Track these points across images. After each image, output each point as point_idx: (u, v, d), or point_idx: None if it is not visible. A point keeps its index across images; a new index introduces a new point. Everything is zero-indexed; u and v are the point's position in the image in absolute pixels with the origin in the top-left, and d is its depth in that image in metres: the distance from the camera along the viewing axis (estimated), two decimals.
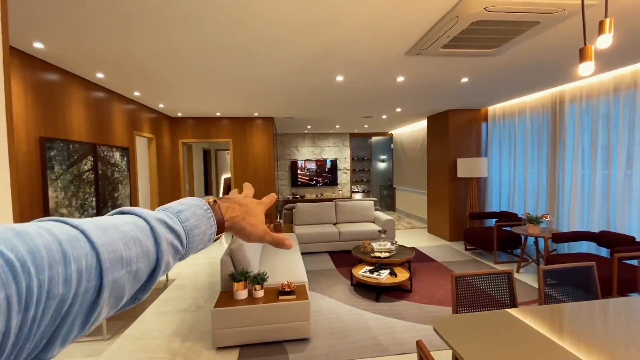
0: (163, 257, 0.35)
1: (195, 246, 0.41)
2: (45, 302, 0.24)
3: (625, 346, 1.40)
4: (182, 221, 0.39)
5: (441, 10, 2.04)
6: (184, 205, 0.41)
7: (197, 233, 0.40)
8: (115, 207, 3.84)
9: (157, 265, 0.35)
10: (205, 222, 0.41)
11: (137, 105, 4.60)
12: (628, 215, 3.47)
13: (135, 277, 0.33)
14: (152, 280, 0.36)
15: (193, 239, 0.40)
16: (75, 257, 0.26)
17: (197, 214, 0.41)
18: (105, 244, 0.29)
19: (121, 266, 0.30)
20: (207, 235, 0.42)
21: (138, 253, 0.33)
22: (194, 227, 0.40)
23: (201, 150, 8.19)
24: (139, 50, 2.63)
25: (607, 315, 1.72)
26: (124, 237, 0.32)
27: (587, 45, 1.16)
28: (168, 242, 0.36)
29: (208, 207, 0.43)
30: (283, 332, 2.62)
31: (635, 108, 3.36)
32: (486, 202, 5.89)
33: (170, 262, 0.38)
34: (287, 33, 2.34)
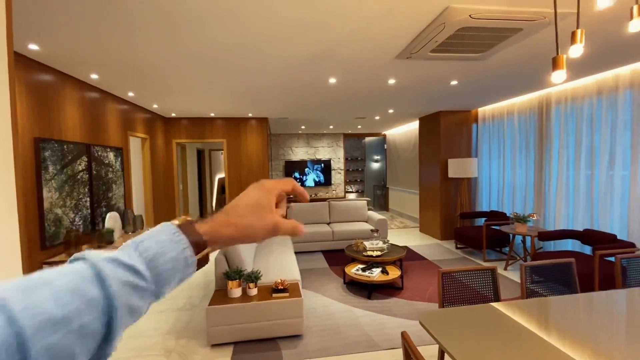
0: (119, 302, 0.31)
1: (169, 276, 0.36)
2: None
3: (588, 329, 1.49)
4: (141, 252, 0.35)
5: (429, 17, 2.12)
6: (145, 235, 0.38)
7: (164, 261, 0.36)
8: (110, 207, 3.86)
9: (113, 313, 0.31)
10: (173, 247, 0.37)
11: (131, 106, 4.62)
12: (610, 214, 3.60)
13: (82, 333, 0.29)
14: (113, 331, 0.31)
15: (159, 269, 0.36)
16: None
17: (160, 240, 0.37)
18: (25, 308, 0.26)
19: (53, 328, 0.27)
20: (179, 261, 0.37)
21: (78, 306, 0.29)
22: (157, 255, 0.36)
23: (195, 151, 8.20)
24: (133, 52, 2.66)
25: (583, 308, 1.81)
26: (55, 293, 0.28)
27: (559, 55, 1.25)
28: (122, 282, 0.32)
29: (176, 229, 0.38)
30: (276, 329, 2.68)
31: (617, 111, 3.49)
32: (476, 201, 6.01)
33: (136, 303, 0.33)
34: (280, 36, 2.41)
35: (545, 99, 4.41)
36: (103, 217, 3.68)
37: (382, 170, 10.46)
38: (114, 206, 3.96)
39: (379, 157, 10.55)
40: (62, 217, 3.00)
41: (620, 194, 3.51)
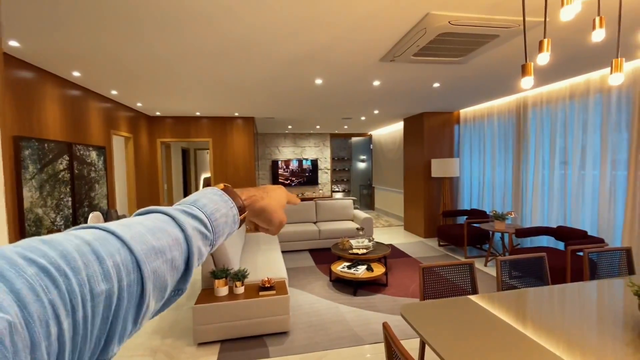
0: (193, 243, 0.36)
1: (222, 230, 0.41)
2: (92, 301, 0.24)
3: (561, 321, 1.61)
4: (201, 208, 0.40)
5: (410, 23, 2.20)
6: (198, 195, 0.43)
7: (219, 216, 0.41)
8: (92, 207, 3.79)
9: (190, 252, 0.35)
10: (224, 205, 0.42)
11: (114, 104, 4.54)
12: (581, 211, 3.80)
13: (173, 265, 0.33)
14: (190, 269, 0.36)
15: (217, 222, 0.40)
16: (108, 254, 0.27)
17: (213, 199, 0.42)
18: (133, 237, 0.30)
19: (155, 256, 0.31)
20: (230, 217, 0.43)
21: (169, 242, 0.33)
22: (214, 211, 0.41)
23: (180, 150, 8.09)
24: (116, 50, 2.64)
25: (549, 298, 1.93)
26: (150, 230, 0.32)
27: (527, 62, 1.34)
28: (193, 228, 0.37)
29: (222, 192, 0.44)
30: (263, 326, 2.72)
31: (588, 113, 3.69)
32: (458, 200, 6.20)
33: (202, 248, 0.38)
34: (266, 38, 2.44)
35: (523, 102, 4.60)
36: (85, 217, 3.61)
37: (368, 170, 10.60)
38: (96, 206, 3.89)
39: (365, 157, 10.68)
40: (42, 217, 2.94)
41: (591, 192, 3.71)
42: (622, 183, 3.37)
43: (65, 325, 0.22)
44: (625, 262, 2.39)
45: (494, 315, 1.68)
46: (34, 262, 0.22)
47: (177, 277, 0.35)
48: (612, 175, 3.46)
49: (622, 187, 3.38)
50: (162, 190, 6.10)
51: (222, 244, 2.94)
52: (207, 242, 0.39)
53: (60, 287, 0.23)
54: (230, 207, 0.43)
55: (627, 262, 2.38)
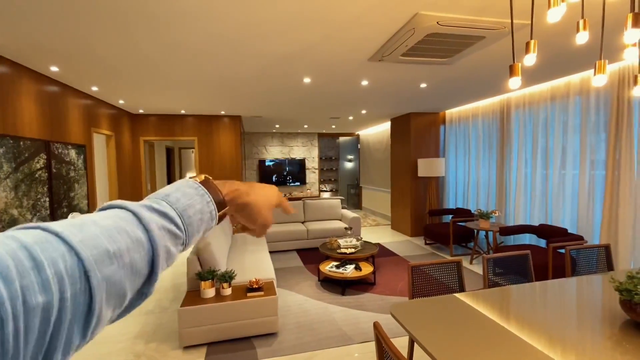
0: (159, 244, 0.33)
1: (196, 227, 0.38)
2: (25, 315, 0.21)
3: (544, 317, 1.65)
4: (172, 203, 0.37)
5: (399, 22, 2.21)
6: (172, 188, 0.39)
7: (193, 212, 0.38)
8: (71, 207, 3.65)
9: (155, 254, 0.32)
10: (199, 200, 0.39)
11: (94, 101, 4.38)
12: (562, 209, 3.92)
13: (132, 270, 0.30)
14: (155, 272, 0.33)
15: (190, 219, 0.37)
16: (50, 260, 0.24)
17: (187, 193, 0.38)
18: (83, 240, 0.26)
19: (109, 261, 0.27)
20: (206, 213, 0.39)
21: (128, 243, 0.30)
22: (187, 206, 0.37)
23: (164, 149, 7.90)
24: (97, 45, 2.54)
25: (532, 294, 1.98)
26: (106, 231, 0.29)
27: (515, 63, 1.36)
28: (160, 227, 0.34)
29: (198, 184, 0.41)
30: (251, 328, 2.68)
31: (568, 115, 3.80)
32: (444, 199, 6.30)
33: (171, 248, 0.35)
34: (252, 36, 2.40)
35: (506, 103, 4.71)
36: (64, 217, 3.46)
37: (355, 169, 10.64)
38: (76, 206, 3.75)
39: (353, 157, 10.72)
40: (18, 219, 2.80)
41: (571, 192, 3.83)
42: (600, 182, 3.50)
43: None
44: (604, 259, 2.47)
45: (480, 312, 1.70)
46: None
47: (140, 280, 0.32)
48: (591, 175, 3.58)
49: (600, 186, 3.50)
50: (145, 190, 5.94)
51: (209, 245, 2.88)
52: (178, 242, 0.36)
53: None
54: (207, 202, 0.40)
55: (606, 259, 2.46)
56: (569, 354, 1.36)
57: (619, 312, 1.68)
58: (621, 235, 3.23)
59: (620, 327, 1.57)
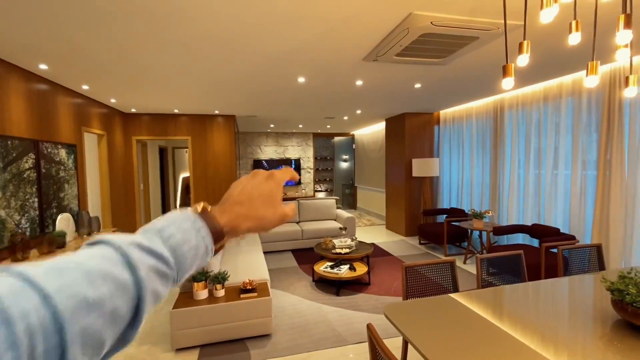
0: (146, 287, 0.31)
1: (189, 264, 0.36)
2: None
3: (536, 316, 1.65)
4: (166, 239, 0.35)
5: (393, 22, 2.20)
6: (167, 221, 0.37)
7: (187, 249, 0.36)
8: (61, 208, 3.58)
9: (141, 298, 0.30)
10: (194, 235, 0.37)
11: (85, 100, 4.31)
12: (554, 209, 3.96)
13: (113, 317, 0.28)
14: (139, 317, 0.31)
15: (183, 256, 0.35)
16: (21, 314, 0.22)
17: (183, 228, 0.36)
18: (61, 288, 0.25)
19: (88, 310, 0.26)
20: (201, 249, 0.37)
21: (111, 289, 0.28)
22: (181, 242, 0.35)
23: (157, 148, 7.82)
24: (87, 43, 2.50)
25: (526, 294, 1.99)
26: (87, 274, 0.27)
27: (508, 63, 1.36)
28: (149, 268, 0.32)
29: (196, 217, 0.38)
30: (244, 329, 2.65)
31: (561, 116, 3.84)
32: (438, 199, 6.32)
33: (160, 289, 0.33)
34: (245, 34, 2.38)
35: (500, 104, 4.74)
36: (54, 218, 3.41)
37: (350, 169, 10.65)
38: (66, 207, 3.68)
39: (348, 157, 10.72)
40: (5, 220, 2.74)
41: (563, 192, 3.86)
42: (592, 182, 3.53)
43: None
44: (596, 258, 2.49)
45: (475, 313, 1.70)
46: None
47: (121, 326, 0.30)
48: (582, 175, 3.62)
49: (592, 186, 3.53)
50: (137, 190, 5.87)
51: None
52: (168, 282, 0.34)
53: None
54: (202, 237, 0.37)
55: (598, 258, 2.48)
56: (561, 353, 1.36)
57: (610, 312, 1.69)
58: (612, 234, 3.26)
59: (612, 327, 1.58)
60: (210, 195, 6.13)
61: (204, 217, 0.39)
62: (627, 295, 1.45)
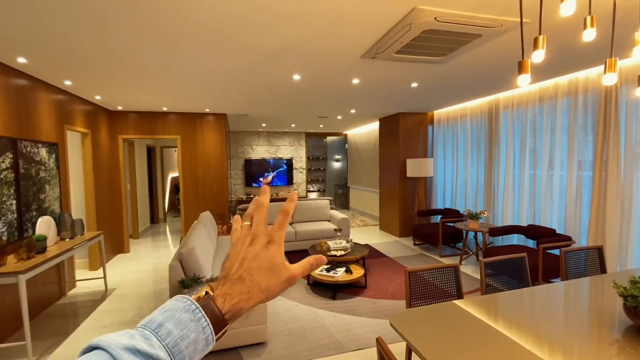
0: None
1: (190, 359, 0.35)
2: None
3: (547, 325, 1.59)
4: (163, 337, 0.34)
5: (396, 17, 2.12)
6: (166, 313, 0.36)
7: (186, 345, 0.34)
8: (42, 211, 3.38)
9: None
10: (194, 328, 0.35)
11: (68, 96, 4.10)
12: (550, 210, 3.95)
13: None
14: None
15: (181, 354, 0.34)
16: None
17: (181, 322, 0.35)
18: None
19: None
20: (200, 342, 0.36)
21: None
22: (180, 339, 0.34)
23: (145, 147, 7.58)
24: (69, 36, 2.33)
25: (534, 300, 1.94)
26: None
27: (524, 59, 1.29)
28: None
29: (196, 306, 0.37)
30: (238, 337, 2.53)
31: (556, 116, 3.83)
32: (432, 199, 6.30)
33: None
34: (238, 28, 2.26)
35: (495, 104, 4.73)
36: (33, 222, 3.21)
37: (343, 169, 10.58)
38: (47, 209, 3.48)
39: (340, 157, 10.65)
40: None
41: (559, 192, 3.86)
42: (587, 183, 3.53)
43: None
44: (597, 261, 2.47)
45: (482, 321, 1.63)
46: None
47: None
48: (578, 176, 3.62)
49: (587, 187, 3.53)
50: (124, 191, 5.65)
51: (193, 250, 2.71)
52: None
53: None
54: (202, 328, 0.36)
55: (599, 261, 2.46)
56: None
57: (621, 318, 1.65)
58: (608, 236, 3.26)
59: (624, 334, 1.53)
60: (201, 196, 5.96)
61: (204, 306, 0.37)
62: None
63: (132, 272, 4.51)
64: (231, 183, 8.78)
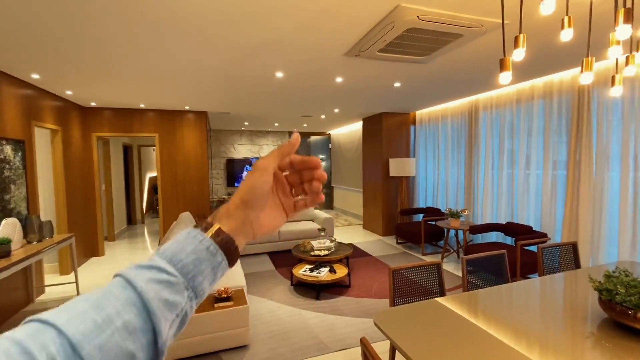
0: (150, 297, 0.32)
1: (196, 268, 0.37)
2: None
3: (526, 320, 1.62)
4: (161, 254, 0.36)
5: (379, 14, 2.11)
6: (165, 244, 0.38)
7: (185, 255, 0.36)
8: (7, 212, 3.17)
9: (149, 308, 0.32)
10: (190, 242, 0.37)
11: (36, 91, 3.87)
12: (527, 208, 4.08)
13: (128, 330, 0.30)
14: (157, 325, 0.32)
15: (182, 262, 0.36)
16: (41, 347, 0.26)
17: (177, 241, 0.38)
18: (70, 320, 0.28)
19: (99, 330, 0.29)
20: (201, 252, 0.37)
21: (117, 307, 0.31)
22: (176, 252, 0.36)
23: (121, 146, 7.29)
24: (37, 23, 2.19)
25: (513, 297, 1.97)
26: (94, 303, 0.31)
27: (506, 57, 1.30)
28: (148, 280, 0.33)
29: (192, 229, 0.39)
30: (219, 341, 2.46)
31: (532, 117, 3.95)
32: (414, 198, 6.38)
33: (171, 297, 0.34)
34: (219, 21, 2.18)
35: (474, 105, 4.84)
36: None
37: (326, 169, 10.57)
38: (12, 211, 3.27)
39: (324, 157, 10.64)
40: None
41: (535, 191, 3.99)
42: (562, 182, 3.66)
43: None
44: (572, 256, 2.55)
45: (463, 317, 1.65)
46: None
47: (145, 338, 0.31)
48: (553, 175, 3.75)
49: (562, 185, 3.66)
50: (98, 191, 5.41)
51: None
52: (178, 288, 0.35)
53: None
54: (199, 241, 0.38)
55: (574, 256, 2.54)
56: (549, 354, 1.32)
57: (596, 311, 1.70)
58: (581, 232, 3.39)
59: (599, 326, 1.57)
60: (180, 197, 5.78)
61: (200, 225, 0.40)
62: (617, 295, 1.44)
63: (106, 276, 4.31)
64: (212, 183, 8.58)
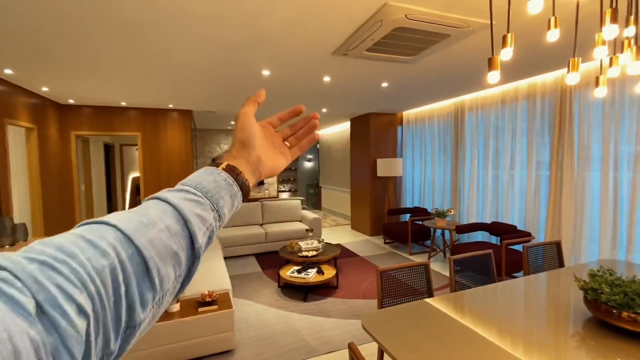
0: (185, 209, 0.36)
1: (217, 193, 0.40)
2: (99, 275, 0.27)
3: (512, 319, 1.63)
4: (185, 183, 0.40)
5: (367, 12, 2.08)
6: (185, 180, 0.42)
7: (207, 183, 0.41)
8: None
9: (185, 218, 0.36)
10: (208, 174, 0.42)
11: (9, 87, 3.68)
12: (511, 207, 4.14)
13: (171, 233, 0.34)
14: (193, 232, 0.36)
15: (204, 188, 0.40)
16: (100, 237, 0.29)
17: (197, 174, 0.42)
18: (121, 220, 0.32)
19: (146, 228, 0.32)
20: (219, 181, 0.42)
21: (157, 214, 0.34)
22: (198, 181, 0.40)
23: (102, 145, 7.05)
24: (9, 16, 2.06)
25: (499, 296, 1.98)
26: (137, 212, 0.34)
27: (494, 56, 1.29)
28: (180, 198, 0.37)
29: (207, 166, 0.44)
30: (204, 347, 2.38)
31: (517, 118, 4.02)
32: (401, 198, 6.42)
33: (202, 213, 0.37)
34: (202, 16, 2.11)
35: (461, 106, 4.89)
36: None
37: (314, 169, 10.53)
38: None
39: (312, 157, 10.59)
40: None
41: (519, 191, 4.05)
42: (545, 182, 3.73)
43: (81, 299, 0.25)
44: (556, 255, 2.59)
45: (451, 318, 1.64)
46: (33, 260, 0.25)
47: (185, 242, 0.35)
48: (536, 175, 3.82)
49: (545, 185, 3.74)
50: (77, 191, 5.20)
51: None
52: (205, 207, 0.38)
53: (63, 272, 0.25)
54: (217, 174, 0.42)
55: (558, 255, 2.58)
56: (534, 353, 1.32)
57: (581, 310, 1.71)
58: (564, 231, 3.46)
59: (584, 325, 1.59)
60: None
61: (215, 164, 0.45)
62: (602, 295, 1.45)
63: None
64: None
